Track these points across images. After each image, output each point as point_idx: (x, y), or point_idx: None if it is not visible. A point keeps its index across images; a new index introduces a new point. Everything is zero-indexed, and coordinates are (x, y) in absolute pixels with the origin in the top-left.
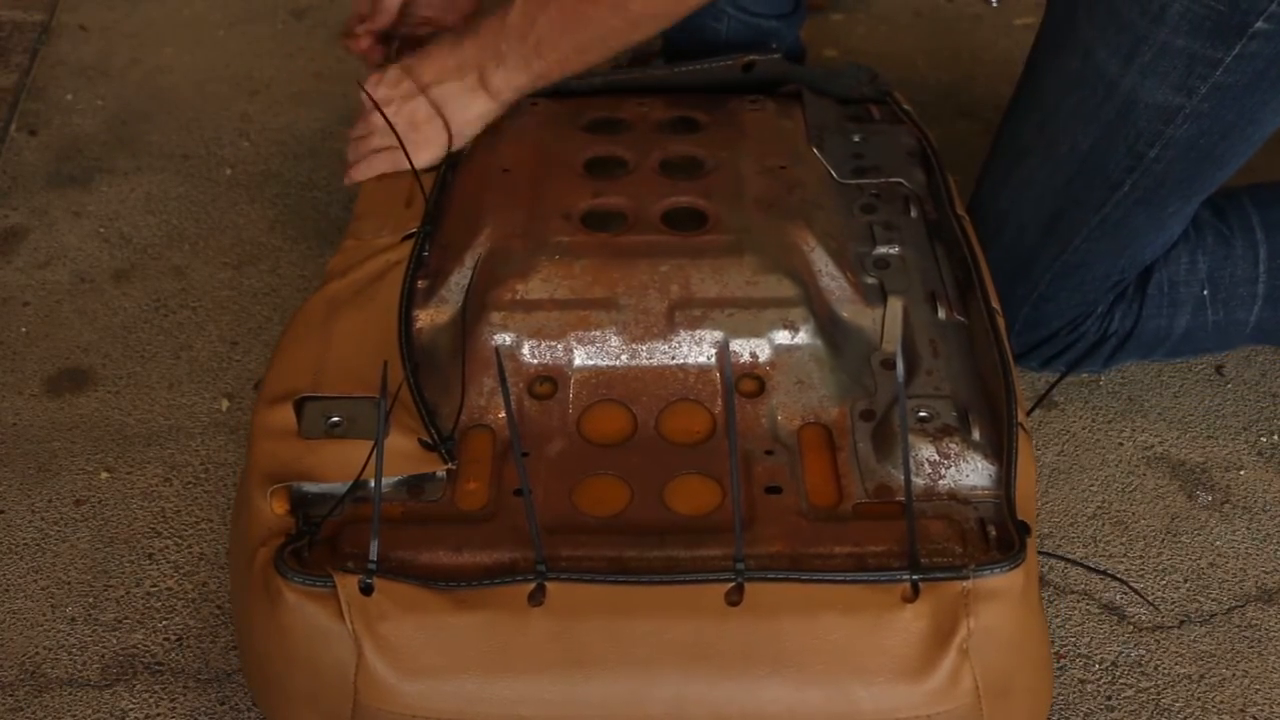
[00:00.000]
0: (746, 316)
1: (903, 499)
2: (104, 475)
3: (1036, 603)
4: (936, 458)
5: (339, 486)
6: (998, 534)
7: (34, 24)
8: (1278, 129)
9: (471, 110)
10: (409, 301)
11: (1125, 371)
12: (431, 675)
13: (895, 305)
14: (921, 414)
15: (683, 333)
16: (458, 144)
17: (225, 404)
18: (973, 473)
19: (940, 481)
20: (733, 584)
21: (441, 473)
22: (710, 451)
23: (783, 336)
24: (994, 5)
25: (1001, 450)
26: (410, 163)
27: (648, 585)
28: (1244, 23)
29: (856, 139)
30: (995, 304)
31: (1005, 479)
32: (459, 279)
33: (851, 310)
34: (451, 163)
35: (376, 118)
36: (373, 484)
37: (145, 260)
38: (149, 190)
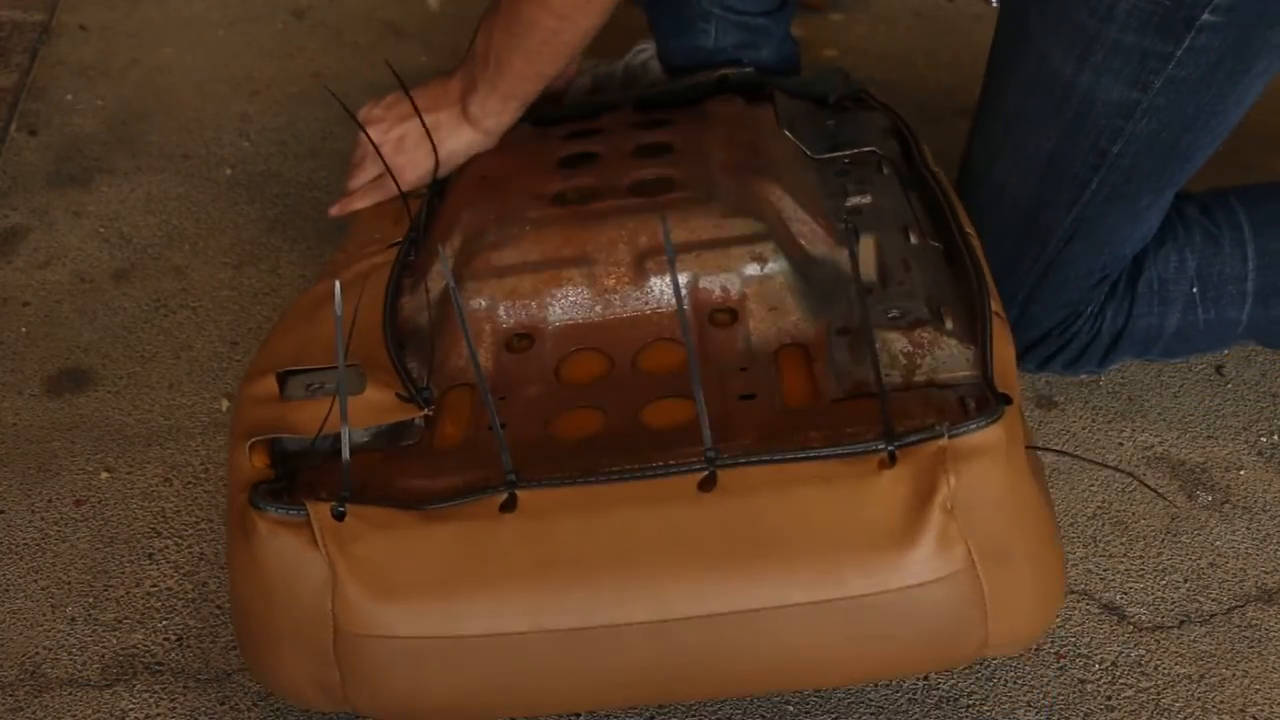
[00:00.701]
0: (714, 255)
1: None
2: (104, 475)
3: (1025, 466)
4: (910, 348)
5: (320, 441)
6: (977, 406)
7: (34, 24)
8: (1244, 117)
9: (457, 140)
10: (396, 291)
11: (1125, 371)
12: (408, 593)
13: (868, 240)
14: (892, 314)
15: (653, 279)
16: (443, 172)
17: (225, 404)
18: (948, 359)
19: (917, 372)
20: (705, 474)
21: (420, 420)
22: (687, 377)
23: (753, 269)
24: (994, 5)
25: (976, 335)
26: (396, 184)
27: (619, 482)
28: (1190, 16)
29: (830, 123)
30: (969, 229)
31: (981, 357)
32: (440, 268)
33: (824, 250)
34: (439, 187)
35: (372, 134)
36: (350, 436)
37: (145, 260)
38: (149, 190)
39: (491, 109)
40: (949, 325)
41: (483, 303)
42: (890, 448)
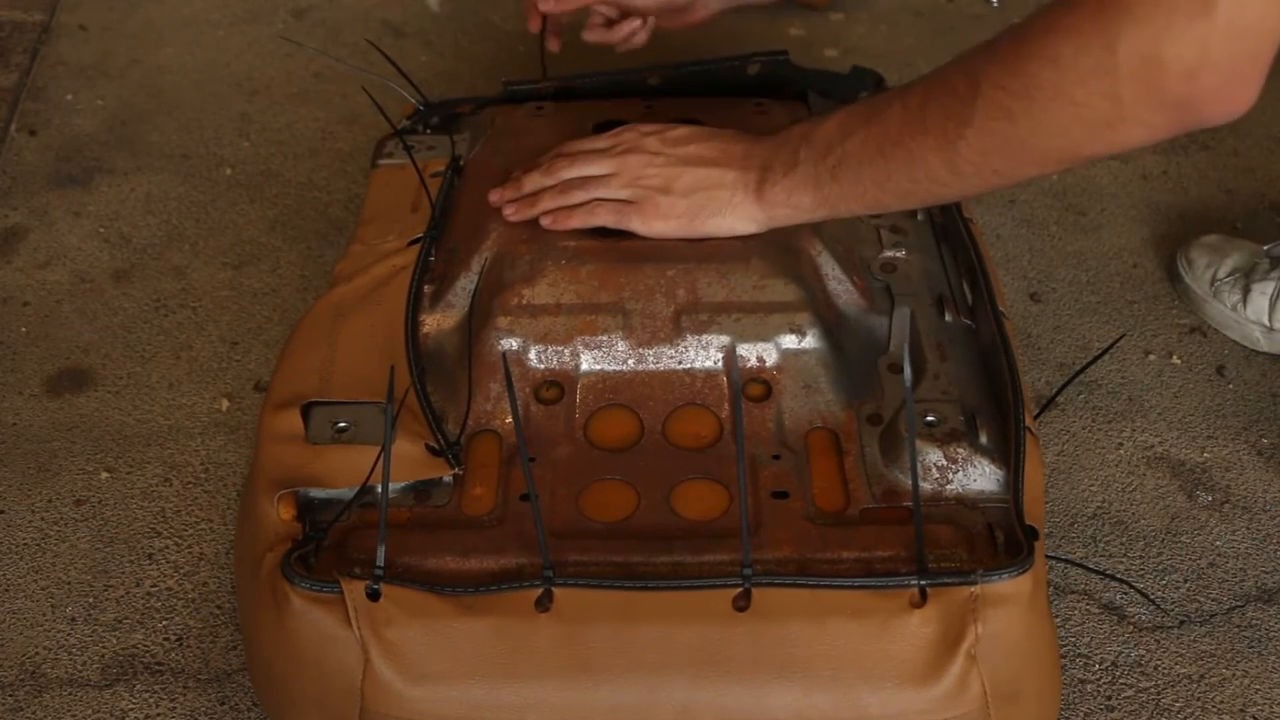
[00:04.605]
0: (753, 321)
1: (910, 503)
2: (104, 475)
3: (1044, 607)
4: (944, 462)
5: (346, 492)
6: (1005, 539)
7: (34, 24)
8: None
9: (734, 216)
10: (415, 307)
11: (1125, 371)
12: (438, 680)
13: (902, 309)
14: (929, 418)
15: (689, 337)
16: (689, 235)
17: (225, 404)
18: (980, 477)
19: (948, 486)
20: (740, 589)
21: (448, 478)
22: (717, 456)
23: (789, 341)
24: (994, 5)
25: (1009, 455)
26: (418, 168)
27: (655, 591)
28: None
29: None
30: (1002, 307)
31: (1013, 484)
32: (465, 284)
33: (858, 313)
34: (457, 167)
35: (631, 161)
36: (379, 489)
37: (145, 260)
38: (149, 190)
39: (798, 202)
40: (983, 440)
41: (513, 344)
42: (922, 584)
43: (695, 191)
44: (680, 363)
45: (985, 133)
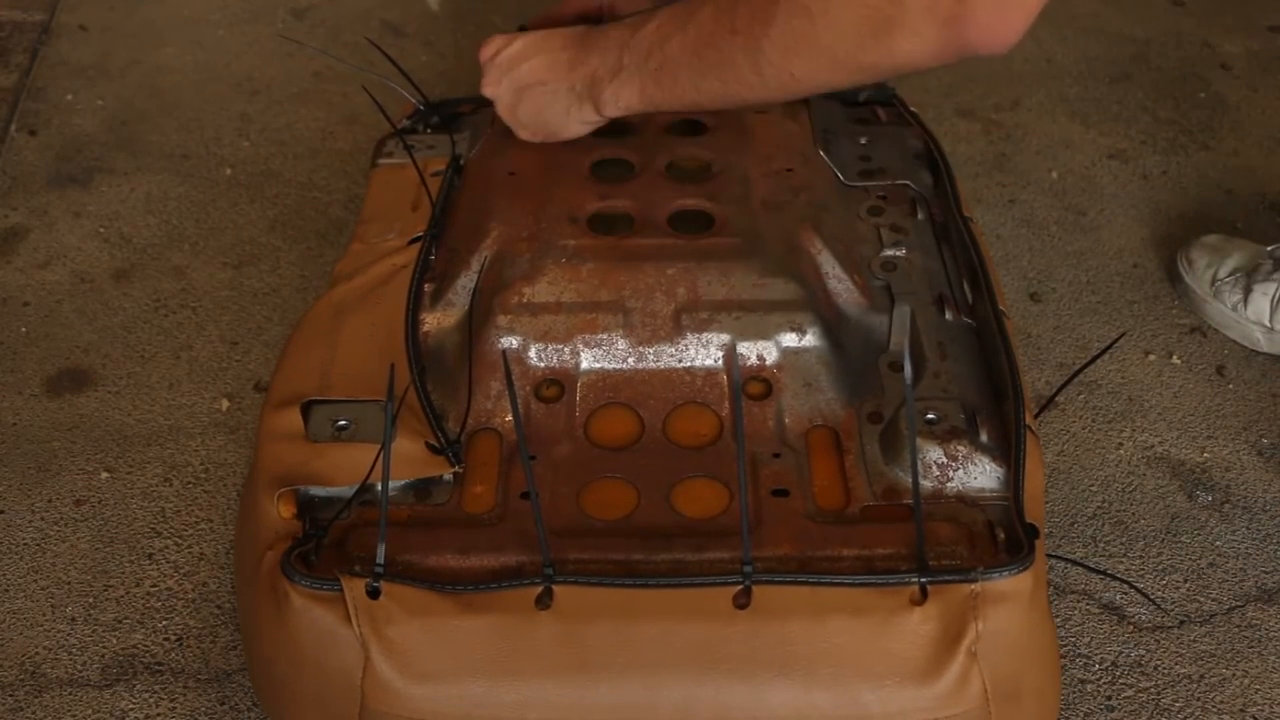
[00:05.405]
0: (753, 319)
1: (910, 501)
2: (104, 475)
3: (1044, 605)
4: (944, 460)
5: (346, 490)
6: (1006, 536)
7: (34, 24)
8: None
9: (571, 118)
10: (415, 305)
11: (1125, 371)
12: (438, 679)
13: (903, 307)
14: (929, 416)
15: (690, 335)
16: (546, 139)
17: (225, 404)
18: (980, 475)
19: (948, 484)
20: (740, 587)
21: (448, 476)
22: (717, 454)
23: (790, 339)
24: None
25: (1009, 453)
26: (418, 168)
27: (655, 588)
28: None
29: (863, 141)
30: (1002, 305)
31: (1013, 482)
32: (466, 282)
33: (859, 312)
34: (457, 166)
35: (488, 89)
36: (379, 487)
37: (145, 260)
38: (149, 190)
39: (626, 103)
40: (984, 438)
41: (513, 342)
42: (923, 582)
43: (536, 115)
44: (680, 361)
45: (787, 31)
